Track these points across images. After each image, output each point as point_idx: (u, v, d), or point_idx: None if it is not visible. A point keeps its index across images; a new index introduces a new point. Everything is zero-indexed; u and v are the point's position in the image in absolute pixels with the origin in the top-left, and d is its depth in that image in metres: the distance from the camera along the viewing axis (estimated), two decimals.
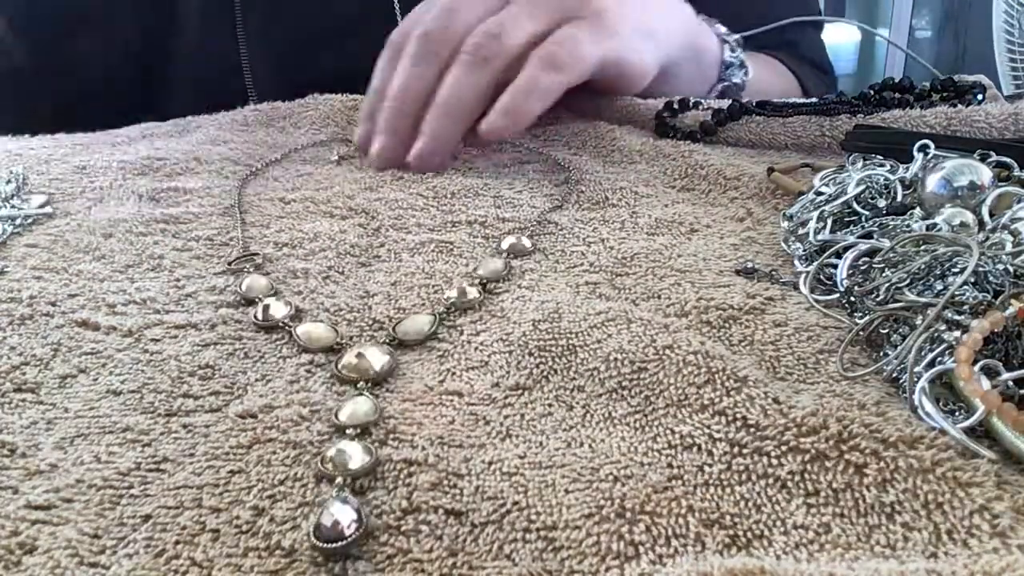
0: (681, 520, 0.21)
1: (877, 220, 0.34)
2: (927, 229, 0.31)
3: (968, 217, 0.31)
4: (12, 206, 0.41)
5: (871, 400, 0.24)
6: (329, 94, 0.60)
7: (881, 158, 0.39)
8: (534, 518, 0.21)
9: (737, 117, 0.52)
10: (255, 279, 0.34)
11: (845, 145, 0.46)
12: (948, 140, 0.42)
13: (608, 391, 0.26)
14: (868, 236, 0.33)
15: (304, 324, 0.30)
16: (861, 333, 0.28)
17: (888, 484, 0.21)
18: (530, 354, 0.28)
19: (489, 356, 0.28)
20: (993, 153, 0.37)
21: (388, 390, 0.27)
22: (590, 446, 0.24)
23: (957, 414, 0.24)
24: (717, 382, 0.25)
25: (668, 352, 0.27)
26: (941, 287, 0.27)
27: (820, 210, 0.36)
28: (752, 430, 0.24)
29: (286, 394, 0.26)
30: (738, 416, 0.24)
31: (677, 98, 0.55)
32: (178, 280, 0.34)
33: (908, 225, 0.32)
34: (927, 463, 0.22)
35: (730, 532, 0.21)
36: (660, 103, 0.55)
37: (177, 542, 0.21)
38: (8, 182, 0.43)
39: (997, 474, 0.21)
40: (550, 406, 0.26)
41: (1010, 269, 0.27)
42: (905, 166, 0.37)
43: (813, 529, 0.21)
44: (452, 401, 0.26)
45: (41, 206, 0.42)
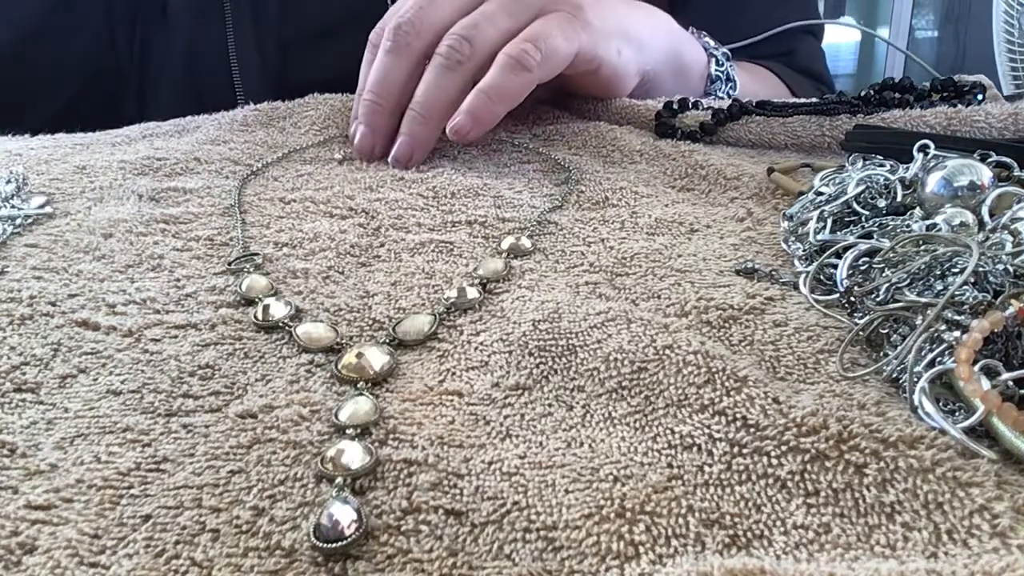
0: (681, 520, 0.21)
1: (877, 220, 0.34)
2: (927, 229, 0.31)
3: (968, 217, 0.31)
4: (12, 206, 0.41)
5: (871, 400, 0.24)
6: (329, 94, 0.60)
7: (881, 158, 0.39)
8: (534, 518, 0.21)
9: (737, 117, 0.52)
10: (255, 279, 0.34)
11: (845, 145, 0.46)
12: (948, 140, 0.42)
13: (608, 391, 0.26)
14: (868, 236, 0.33)
15: (304, 324, 0.30)
16: (861, 333, 0.28)
17: (888, 484, 0.21)
18: (530, 354, 0.28)
19: (489, 356, 0.28)
20: (993, 153, 0.37)
21: (388, 390, 0.27)
22: (590, 446, 0.24)
23: (957, 414, 0.24)
24: (717, 382, 0.25)
25: (668, 352, 0.27)
26: (941, 287, 0.27)
27: (820, 210, 0.36)
28: (752, 430, 0.24)
29: (286, 394, 0.26)
30: (738, 416, 0.24)
31: (677, 98, 0.55)
32: (178, 280, 0.34)
33: (908, 225, 0.32)
34: (927, 463, 0.22)
35: (730, 532, 0.21)
36: (660, 103, 0.55)
37: (177, 542, 0.21)
38: (8, 182, 0.43)
39: (997, 474, 0.21)
40: (550, 406, 0.26)
41: (1010, 269, 0.27)
42: (905, 166, 0.37)
43: (813, 529, 0.21)
44: (452, 401, 0.26)
45: (41, 206, 0.42)
